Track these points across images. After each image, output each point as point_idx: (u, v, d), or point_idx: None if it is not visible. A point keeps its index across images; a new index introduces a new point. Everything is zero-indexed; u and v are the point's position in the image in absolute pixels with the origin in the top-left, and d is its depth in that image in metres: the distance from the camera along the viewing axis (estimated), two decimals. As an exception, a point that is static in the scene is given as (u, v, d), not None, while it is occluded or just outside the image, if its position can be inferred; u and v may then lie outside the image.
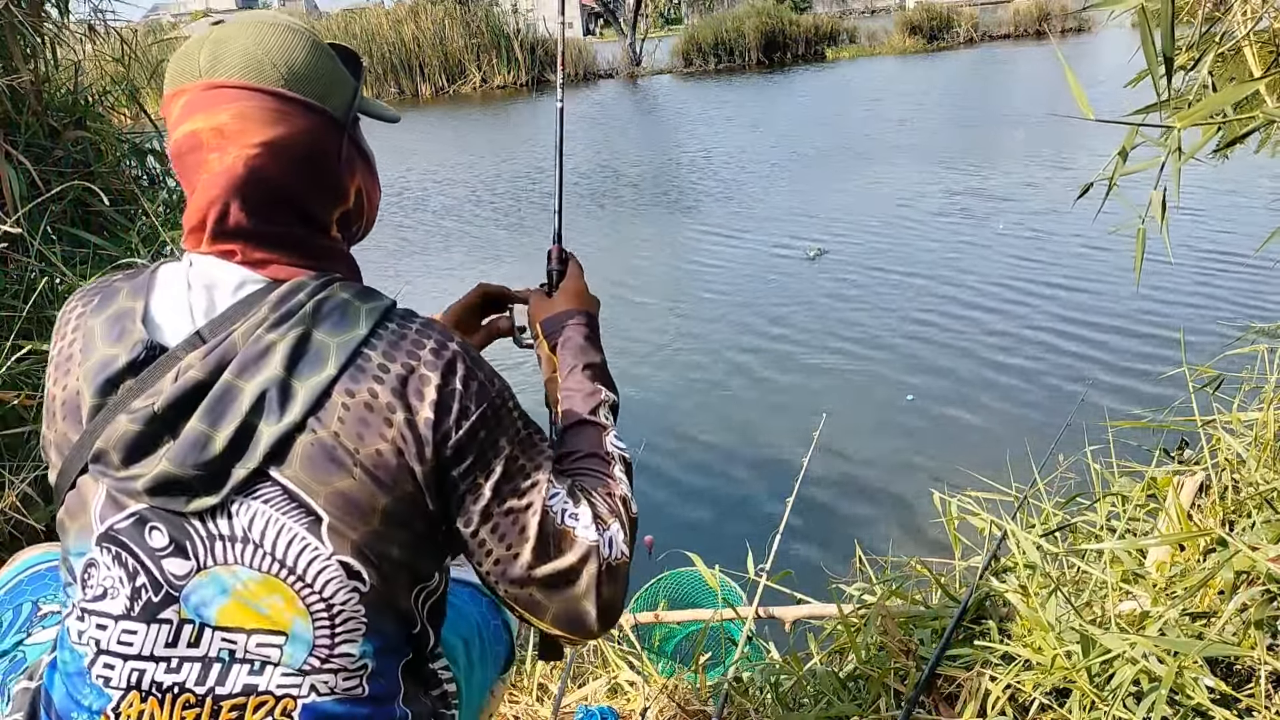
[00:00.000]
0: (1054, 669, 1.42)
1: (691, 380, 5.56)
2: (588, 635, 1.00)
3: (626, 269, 8.07)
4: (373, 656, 0.94)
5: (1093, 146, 10.60)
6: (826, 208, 9.54)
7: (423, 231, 9.92)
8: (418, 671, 1.03)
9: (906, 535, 3.66)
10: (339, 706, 0.93)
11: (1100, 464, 2.21)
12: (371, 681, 0.95)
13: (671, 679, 2.18)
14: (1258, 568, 1.45)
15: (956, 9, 28.70)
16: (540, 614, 0.99)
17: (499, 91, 25.11)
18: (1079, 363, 5.25)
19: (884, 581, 2.19)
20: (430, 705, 1.03)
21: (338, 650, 0.92)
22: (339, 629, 0.92)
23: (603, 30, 44.65)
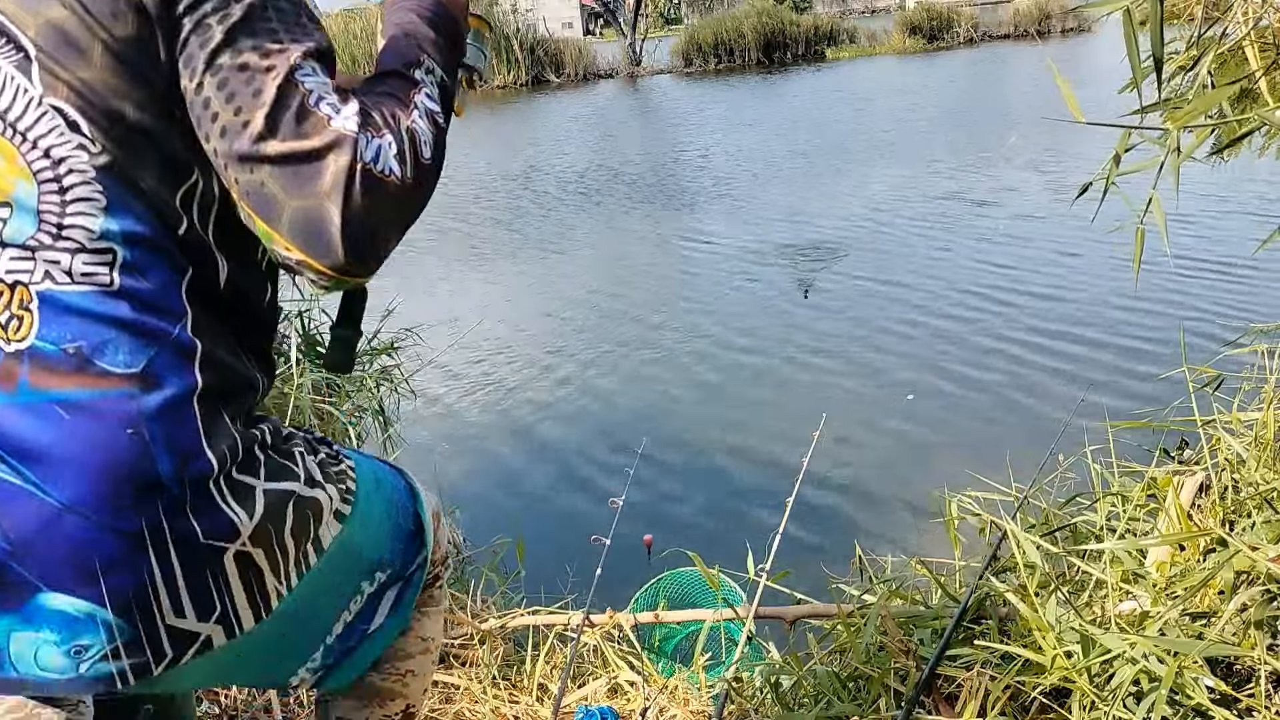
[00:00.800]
0: (1054, 669, 1.42)
1: (691, 379, 5.55)
2: (331, 259, 0.81)
3: (625, 269, 8.07)
4: (121, 243, 0.82)
5: (1093, 146, 10.59)
6: (826, 207, 9.54)
7: (421, 230, 9.91)
8: (233, 324, 0.91)
9: (906, 535, 3.66)
10: (85, 299, 0.81)
11: (1100, 464, 2.21)
12: (125, 275, 0.82)
13: (671, 679, 2.18)
14: (1258, 568, 1.45)
15: (956, 9, 28.70)
16: (275, 218, 0.80)
17: (499, 91, 25.10)
18: (1079, 363, 5.25)
19: (884, 581, 2.19)
20: (260, 433, 0.93)
21: (70, 221, 0.80)
22: (69, 196, 0.80)
23: (603, 30, 44.65)
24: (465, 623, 2.40)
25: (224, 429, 0.88)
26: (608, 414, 5.18)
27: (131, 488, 0.82)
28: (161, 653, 0.88)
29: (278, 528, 0.93)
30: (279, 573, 0.94)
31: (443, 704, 2.13)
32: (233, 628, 0.91)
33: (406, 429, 4.20)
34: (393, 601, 1.12)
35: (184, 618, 0.87)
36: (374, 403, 3.35)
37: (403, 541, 1.14)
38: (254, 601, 0.92)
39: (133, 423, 0.82)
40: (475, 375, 5.86)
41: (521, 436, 4.97)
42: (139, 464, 0.82)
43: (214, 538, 0.87)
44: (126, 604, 0.84)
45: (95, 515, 0.81)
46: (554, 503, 4.27)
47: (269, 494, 0.92)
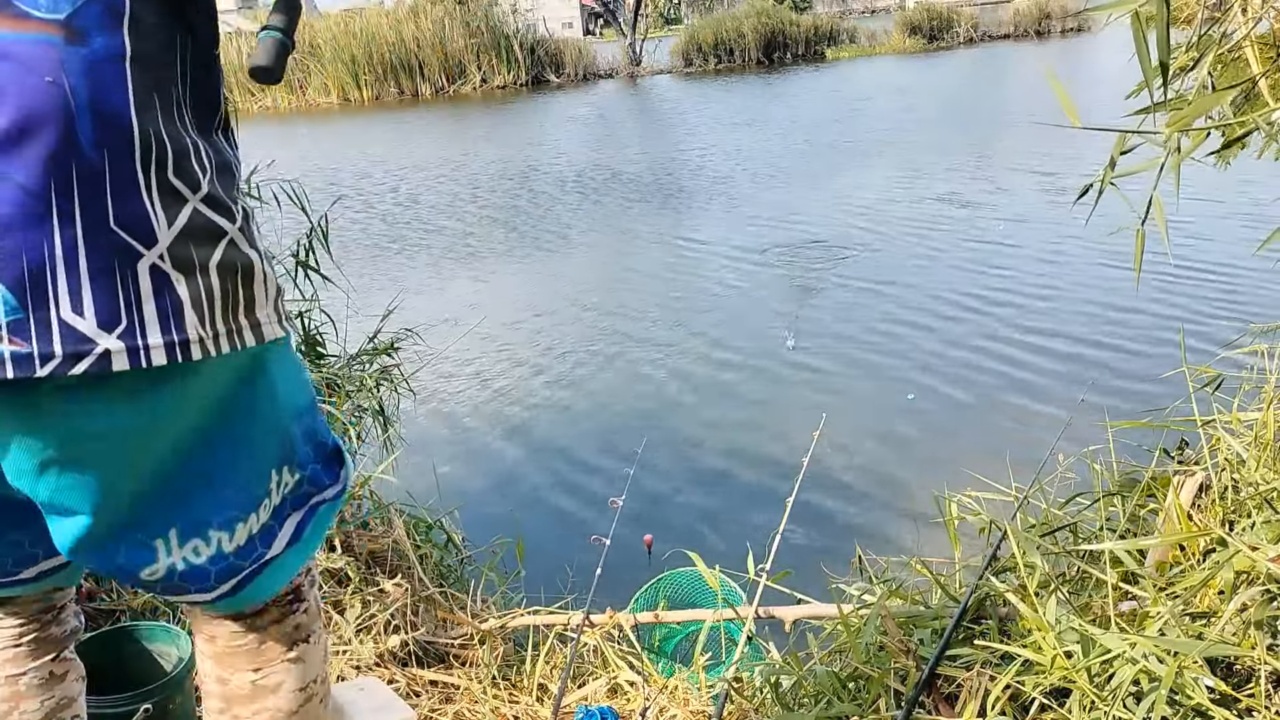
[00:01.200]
0: (1054, 669, 1.42)
1: (691, 379, 5.56)
2: None
3: (625, 268, 8.08)
4: None
5: (1094, 147, 10.59)
6: (826, 208, 9.54)
7: (421, 230, 9.91)
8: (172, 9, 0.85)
9: (906, 535, 3.66)
10: None
11: (1100, 464, 2.22)
12: None
13: (671, 679, 2.18)
14: (1258, 568, 1.45)
15: (956, 9, 28.72)
16: None
17: (499, 91, 25.10)
18: (1079, 363, 5.25)
19: (884, 581, 2.19)
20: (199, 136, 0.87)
21: None
22: None
23: (603, 30, 44.65)
24: (465, 623, 2.40)
25: (157, 114, 0.82)
26: (608, 414, 5.18)
27: (42, 141, 0.75)
28: (50, 350, 0.78)
29: (203, 259, 0.86)
30: (201, 315, 0.85)
31: (443, 704, 2.13)
32: (138, 353, 0.81)
33: (406, 429, 4.20)
34: (295, 526, 1.05)
35: (81, 316, 0.79)
36: (374, 403, 3.35)
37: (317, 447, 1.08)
38: (169, 333, 0.83)
39: (51, 71, 0.75)
40: (475, 375, 5.86)
41: (521, 436, 4.97)
42: (53, 116, 0.75)
43: (127, 229, 0.80)
44: (19, 277, 0.76)
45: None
46: (554, 503, 4.27)
47: (198, 215, 0.86)
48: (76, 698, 1.20)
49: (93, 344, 0.80)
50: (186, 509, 0.95)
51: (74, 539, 0.92)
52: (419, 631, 2.33)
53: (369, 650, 2.21)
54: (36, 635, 1.14)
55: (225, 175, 0.92)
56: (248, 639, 1.08)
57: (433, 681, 2.20)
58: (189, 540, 0.96)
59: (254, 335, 0.93)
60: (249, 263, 0.92)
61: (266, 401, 0.99)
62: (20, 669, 1.13)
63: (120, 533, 0.93)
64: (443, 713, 2.09)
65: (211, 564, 0.98)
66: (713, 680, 2.22)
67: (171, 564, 0.96)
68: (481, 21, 25.65)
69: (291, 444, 1.04)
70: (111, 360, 0.81)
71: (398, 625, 2.31)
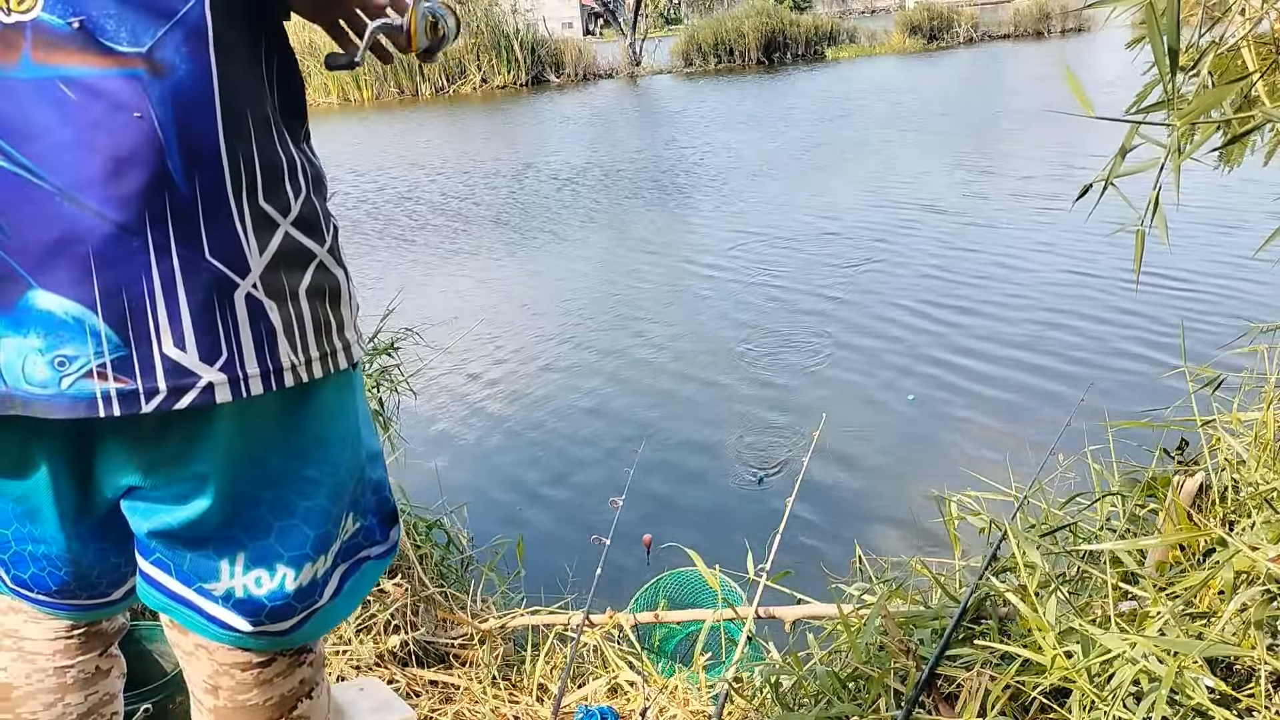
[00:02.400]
0: (1054, 669, 1.42)
1: (691, 379, 5.56)
2: None
3: (625, 268, 8.07)
4: None
5: (1093, 147, 10.59)
6: (826, 208, 9.54)
7: (421, 229, 9.92)
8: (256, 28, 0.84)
9: (906, 535, 3.66)
10: None
11: (1100, 464, 2.21)
12: None
13: (671, 679, 2.18)
14: (1258, 568, 1.45)
15: (957, 9, 28.72)
16: None
17: (499, 91, 25.10)
18: (1079, 363, 5.25)
19: (884, 581, 2.19)
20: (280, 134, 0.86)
21: None
22: None
23: (603, 30, 44.65)
24: (465, 623, 2.40)
25: (250, 134, 0.82)
26: (608, 414, 5.18)
27: (134, 177, 0.75)
28: (154, 386, 0.79)
29: (294, 284, 0.85)
30: (294, 342, 0.86)
31: (443, 704, 2.13)
32: (239, 384, 0.82)
33: (406, 429, 4.20)
34: (340, 577, 1.02)
35: (184, 350, 0.79)
36: (374, 403, 3.35)
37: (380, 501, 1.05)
38: (264, 361, 0.83)
39: (138, 106, 0.75)
40: (475, 374, 5.86)
41: (521, 436, 4.97)
42: (143, 152, 0.75)
43: (222, 260, 0.80)
44: (120, 314, 0.77)
45: (92, 203, 0.75)
46: (554, 503, 4.27)
47: (289, 240, 0.85)
48: (118, 695, 1.19)
49: (196, 377, 0.81)
50: (260, 536, 0.93)
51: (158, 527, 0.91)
52: (419, 631, 2.33)
53: (369, 650, 2.21)
54: (88, 629, 1.13)
55: (319, 188, 0.92)
56: (251, 694, 1.03)
57: (433, 681, 2.20)
58: (253, 569, 0.94)
59: (345, 357, 0.93)
60: (336, 284, 0.92)
61: (353, 437, 0.98)
62: (69, 661, 1.12)
63: (194, 543, 0.93)
64: (443, 713, 2.09)
65: (270, 599, 0.96)
66: (713, 680, 2.22)
67: (230, 588, 0.95)
68: (481, 21, 25.64)
69: (362, 487, 1.01)
70: (215, 393, 0.81)
71: (398, 625, 2.31)
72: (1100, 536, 1.97)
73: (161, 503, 0.90)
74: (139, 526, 0.93)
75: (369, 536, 1.05)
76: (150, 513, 0.91)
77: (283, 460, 0.92)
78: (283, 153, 0.86)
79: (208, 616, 0.97)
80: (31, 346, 0.78)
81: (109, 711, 1.17)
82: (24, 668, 1.10)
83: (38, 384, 0.79)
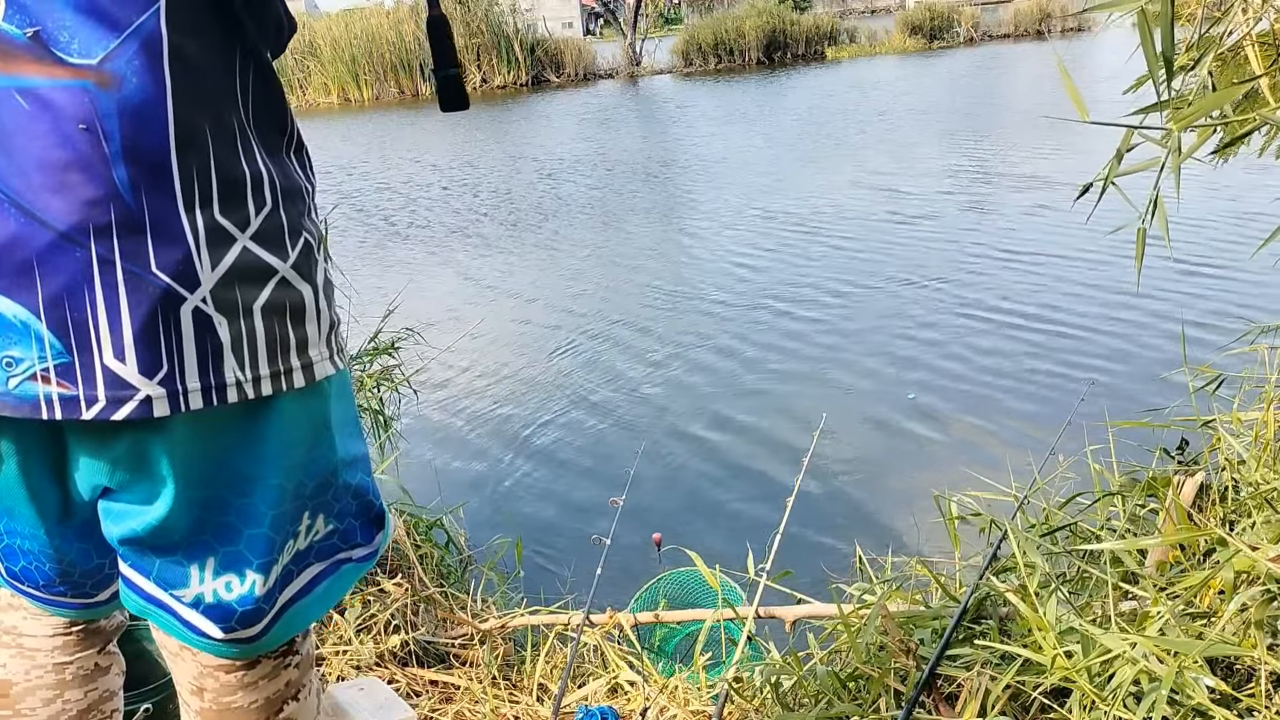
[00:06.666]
0: (1054, 669, 1.42)
1: (691, 379, 5.56)
2: None
3: (625, 268, 8.07)
4: None
5: (1093, 146, 10.60)
6: (826, 207, 9.54)
7: (421, 229, 9.92)
8: (223, 30, 0.83)
9: (907, 535, 3.66)
10: None
11: (1100, 464, 2.21)
12: None
13: (671, 679, 2.18)
14: (1258, 568, 1.45)
15: (957, 9, 28.72)
16: None
17: (499, 91, 25.11)
18: (1079, 363, 5.25)
19: (884, 581, 2.19)
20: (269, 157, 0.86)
21: None
22: None
23: (603, 30, 44.66)
24: (465, 623, 2.40)
25: (208, 148, 0.81)
26: (607, 413, 5.18)
27: (79, 188, 0.76)
28: (94, 395, 0.80)
29: (248, 300, 0.85)
30: (242, 359, 0.85)
31: (443, 704, 2.13)
32: (178, 397, 0.82)
33: (407, 428, 4.20)
34: (313, 577, 1.01)
35: (123, 362, 0.80)
36: (374, 402, 3.35)
37: (363, 505, 1.04)
38: (206, 376, 0.83)
39: (85, 118, 0.76)
40: (476, 374, 5.86)
41: (521, 436, 4.97)
42: (88, 163, 0.76)
43: (169, 274, 0.80)
44: (63, 322, 0.78)
45: (38, 212, 0.76)
46: (554, 503, 4.27)
47: (247, 254, 0.84)
48: (117, 692, 1.19)
49: (134, 390, 0.81)
50: (229, 542, 0.93)
51: (125, 534, 0.92)
52: (419, 631, 2.33)
53: (369, 650, 2.21)
54: (86, 626, 1.14)
55: (292, 202, 0.91)
56: (235, 696, 1.02)
57: (433, 681, 2.20)
58: (223, 574, 0.94)
59: (303, 376, 0.91)
60: (299, 300, 0.91)
61: (322, 443, 0.97)
62: (68, 658, 1.12)
63: (161, 550, 0.93)
64: (443, 713, 2.09)
65: (240, 604, 0.96)
66: (713, 680, 2.22)
67: (200, 594, 0.95)
68: (481, 21, 25.65)
69: (334, 491, 1.00)
70: (153, 406, 0.81)
71: (398, 625, 2.31)
72: (1100, 536, 1.97)
73: (130, 504, 0.90)
74: (109, 531, 0.93)
75: (348, 539, 1.04)
76: (120, 516, 0.91)
77: (247, 466, 0.91)
78: (247, 166, 0.86)
79: (183, 621, 0.97)
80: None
81: (109, 708, 1.18)
82: (23, 664, 1.10)
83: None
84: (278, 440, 0.92)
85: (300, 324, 0.91)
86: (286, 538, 0.97)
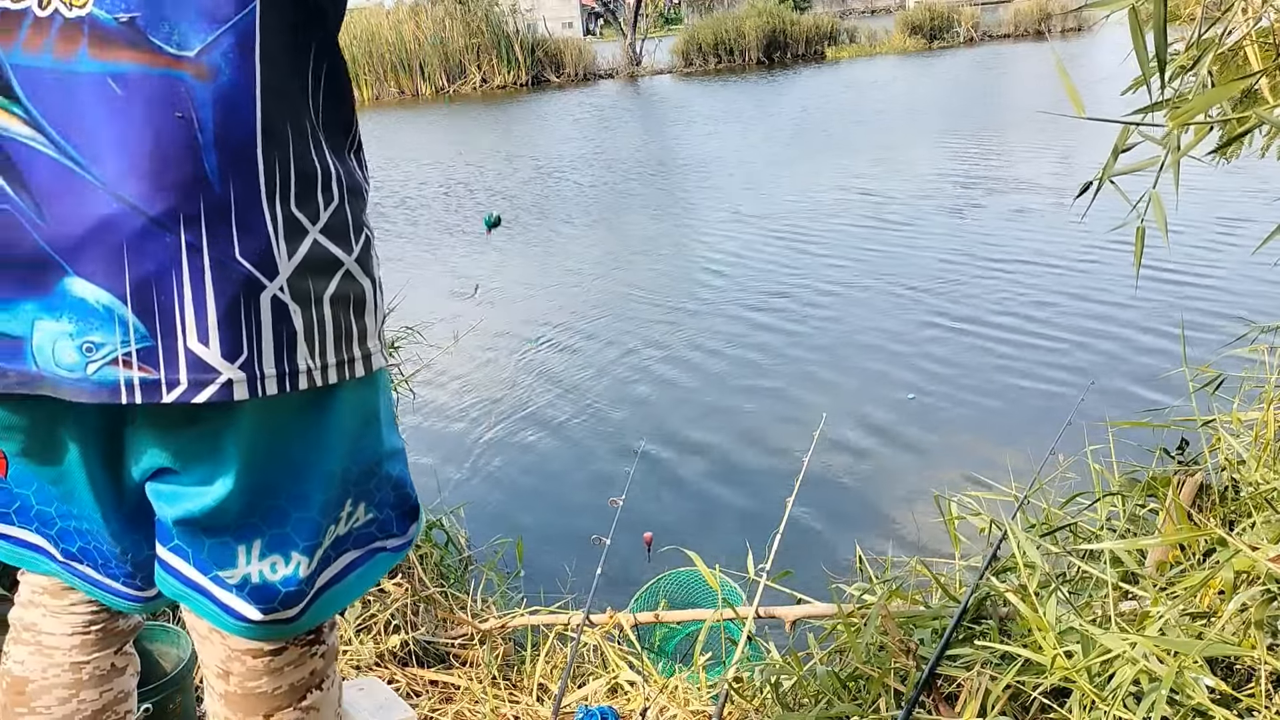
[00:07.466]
0: (1054, 669, 1.42)
1: (691, 380, 5.56)
2: None
3: (624, 268, 8.08)
4: None
5: (1092, 145, 10.59)
6: (826, 207, 9.54)
7: (421, 229, 9.92)
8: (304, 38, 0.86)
9: (906, 535, 3.66)
10: None
11: (1100, 464, 2.21)
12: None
13: (671, 679, 2.18)
14: (1258, 568, 1.45)
15: (957, 9, 28.72)
16: None
17: (499, 91, 25.11)
18: (1079, 363, 5.25)
19: (884, 581, 2.19)
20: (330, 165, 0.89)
21: None
22: None
23: (603, 30, 44.67)
24: (465, 623, 2.40)
25: (288, 143, 0.84)
26: (608, 414, 5.18)
27: (172, 175, 0.78)
28: (176, 378, 0.81)
29: (318, 290, 0.88)
30: (313, 347, 0.88)
31: (443, 704, 2.13)
32: (256, 383, 0.84)
33: (405, 429, 4.20)
34: (348, 564, 1.03)
35: (206, 346, 0.82)
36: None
37: (400, 497, 1.07)
38: (281, 363, 0.85)
39: (181, 108, 0.78)
40: (476, 374, 5.86)
41: (521, 436, 4.97)
42: (182, 151, 0.78)
43: (251, 262, 0.82)
44: (149, 306, 0.80)
45: (130, 197, 0.77)
46: (554, 503, 4.27)
47: (317, 247, 0.87)
48: (132, 693, 1.19)
49: (216, 373, 0.82)
50: (277, 524, 0.96)
51: (181, 514, 0.93)
52: (419, 631, 2.33)
53: (369, 650, 2.21)
54: (105, 625, 1.13)
55: (355, 199, 0.93)
56: (261, 681, 1.04)
57: (433, 681, 2.20)
58: (269, 555, 0.96)
59: (363, 366, 0.94)
60: (361, 293, 0.93)
61: (370, 433, 1.00)
62: (85, 657, 1.12)
63: (214, 530, 0.95)
64: (443, 713, 2.09)
65: (284, 584, 0.97)
66: (713, 680, 2.22)
67: (246, 574, 0.96)
68: (481, 21, 25.66)
69: (376, 480, 1.03)
70: (234, 390, 0.83)
71: (398, 625, 2.31)
72: (1100, 536, 1.97)
73: (188, 486, 0.91)
74: (164, 512, 0.94)
75: (385, 529, 1.06)
76: (175, 498, 0.92)
77: (303, 453, 0.94)
78: (318, 162, 0.88)
79: (221, 605, 0.98)
80: (63, 331, 0.80)
81: (123, 710, 1.18)
82: (41, 662, 1.11)
83: (66, 367, 0.81)
84: (335, 429, 0.95)
85: (361, 316, 0.94)
86: (330, 522, 0.99)
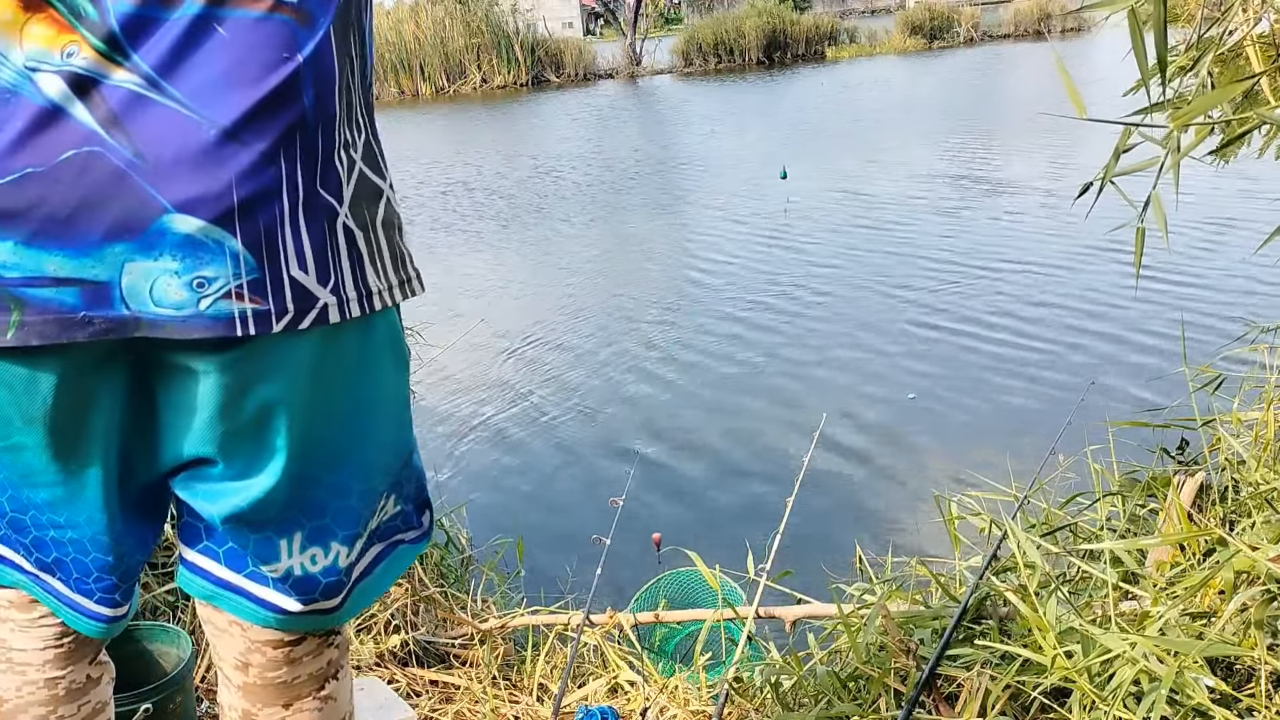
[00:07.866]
0: (1054, 669, 1.42)
1: (691, 380, 5.56)
2: None
3: (624, 268, 8.08)
4: None
5: (1092, 146, 10.60)
6: (827, 206, 9.54)
7: (421, 229, 9.92)
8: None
9: (907, 535, 3.66)
10: None
11: (1100, 464, 2.21)
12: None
13: (672, 679, 2.18)
14: (1258, 568, 1.45)
15: (957, 9, 28.73)
16: None
17: (499, 91, 25.11)
18: (1079, 363, 5.25)
19: (884, 581, 2.19)
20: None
21: None
22: None
23: (603, 30, 44.67)
24: (465, 623, 2.40)
25: (349, 87, 0.90)
26: (608, 413, 5.18)
27: (280, 113, 0.82)
28: (284, 306, 0.84)
29: (371, 216, 0.92)
30: (377, 268, 0.92)
31: (443, 704, 2.13)
32: (343, 304, 0.88)
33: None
34: (374, 558, 1.04)
35: (306, 272, 0.85)
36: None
37: (418, 490, 1.09)
38: (358, 285, 0.90)
39: (288, 49, 0.82)
40: (475, 374, 5.86)
41: (521, 436, 4.97)
42: (289, 91, 0.82)
43: (329, 192, 0.87)
44: (256, 237, 0.82)
45: (242, 134, 0.80)
46: (554, 503, 4.27)
47: (364, 175, 0.92)
48: (109, 702, 1.17)
49: (315, 299, 0.86)
50: (317, 516, 0.96)
51: (228, 511, 0.92)
52: (419, 631, 2.33)
53: (369, 650, 2.21)
54: (77, 637, 1.09)
55: (376, 136, 0.98)
56: (280, 672, 1.05)
57: (433, 681, 2.20)
58: (310, 547, 0.98)
59: (415, 286, 0.99)
60: (398, 219, 0.98)
61: (405, 425, 1.04)
62: (60, 672, 1.09)
63: (258, 525, 0.95)
64: (443, 713, 2.09)
65: (324, 575, 0.99)
66: (713, 680, 2.22)
67: (289, 567, 0.97)
68: (481, 21, 25.66)
69: (407, 472, 1.05)
70: (329, 312, 0.87)
71: (398, 625, 2.31)
72: (1100, 536, 1.97)
73: (229, 481, 0.92)
74: (207, 511, 0.94)
75: (406, 521, 1.08)
76: (216, 495, 0.93)
77: (344, 440, 0.95)
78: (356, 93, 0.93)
79: (256, 600, 0.99)
80: (165, 269, 0.81)
81: None
82: (14, 680, 1.07)
83: (171, 305, 0.81)
84: (374, 414, 0.97)
85: (402, 238, 0.99)
86: (370, 514, 1.01)
